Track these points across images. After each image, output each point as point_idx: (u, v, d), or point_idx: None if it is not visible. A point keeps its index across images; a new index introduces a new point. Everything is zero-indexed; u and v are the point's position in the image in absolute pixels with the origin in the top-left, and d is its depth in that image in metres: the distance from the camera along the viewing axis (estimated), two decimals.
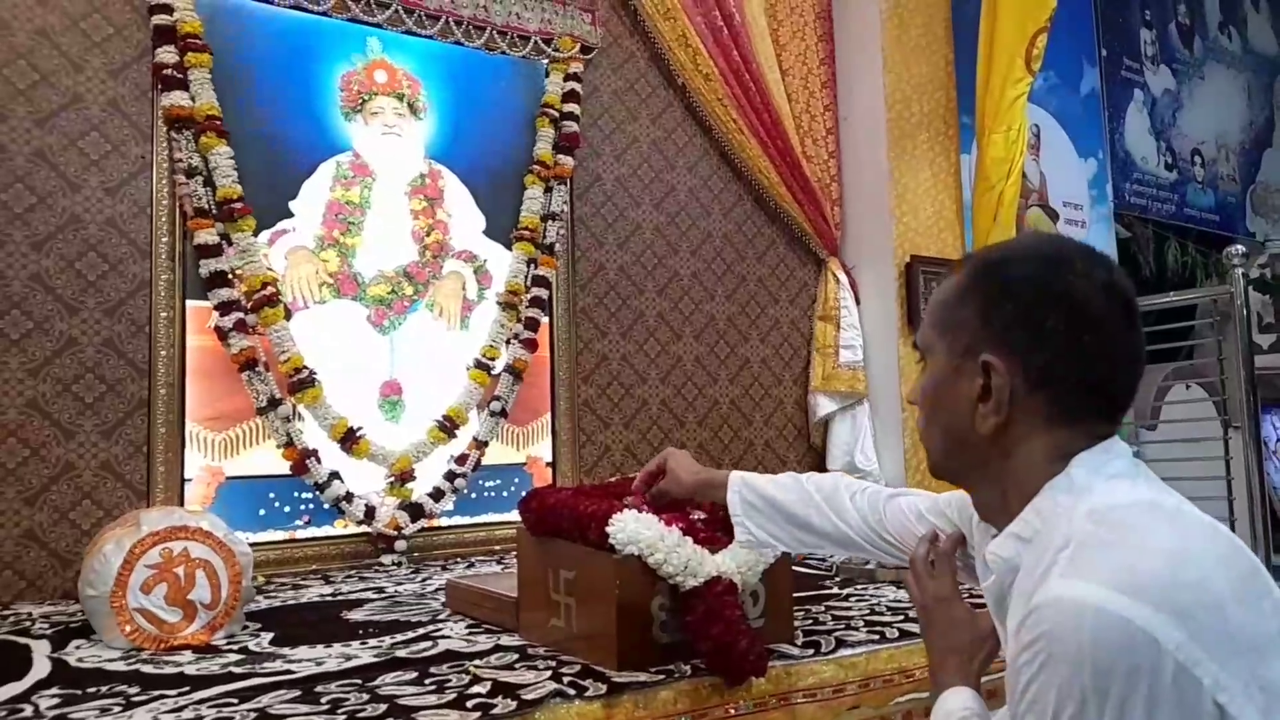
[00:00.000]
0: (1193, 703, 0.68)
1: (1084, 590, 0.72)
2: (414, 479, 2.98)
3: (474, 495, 3.15)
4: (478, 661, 1.58)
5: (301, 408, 2.82)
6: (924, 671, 1.65)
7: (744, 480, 1.44)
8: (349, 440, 2.86)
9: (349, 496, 2.84)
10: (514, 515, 2.77)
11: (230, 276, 2.73)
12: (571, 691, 1.39)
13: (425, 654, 1.67)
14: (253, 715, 1.33)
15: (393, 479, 2.95)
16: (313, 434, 2.84)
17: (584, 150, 3.46)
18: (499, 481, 3.21)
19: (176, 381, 2.65)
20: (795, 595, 1.81)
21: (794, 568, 1.83)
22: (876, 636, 1.73)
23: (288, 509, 2.81)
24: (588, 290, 3.45)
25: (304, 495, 2.83)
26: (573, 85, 3.41)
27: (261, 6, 2.89)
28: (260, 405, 2.74)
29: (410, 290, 3.09)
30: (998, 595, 0.93)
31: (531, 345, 3.23)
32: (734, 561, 1.52)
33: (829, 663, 1.60)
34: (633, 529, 1.48)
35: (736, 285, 3.84)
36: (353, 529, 2.88)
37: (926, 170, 3.97)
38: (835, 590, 2.24)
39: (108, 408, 2.56)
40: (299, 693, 1.43)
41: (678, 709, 1.43)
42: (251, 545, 2.08)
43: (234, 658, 1.69)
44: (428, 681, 1.47)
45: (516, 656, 1.61)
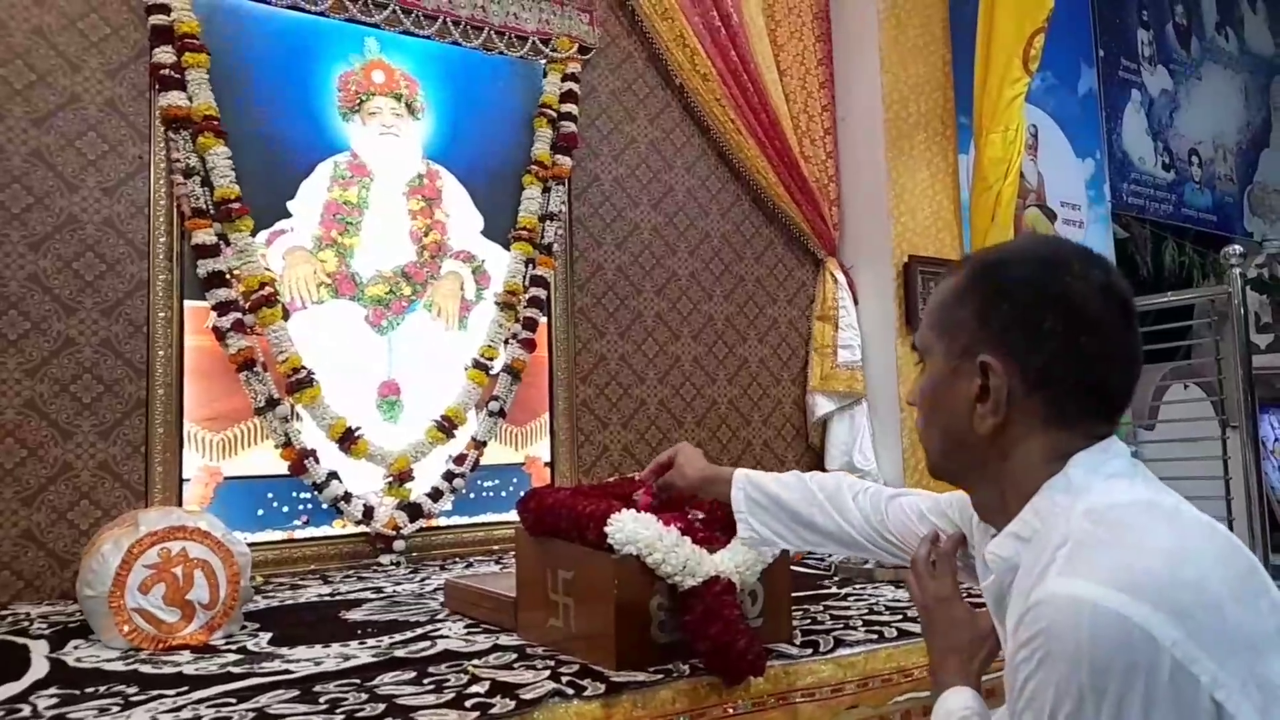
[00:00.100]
0: (1190, 700, 0.68)
1: (1082, 588, 0.72)
2: (412, 479, 2.98)
3: (472, 495, 3.15)
4: (476, 661, 1.58)
5: (300, 408, 2.82)
6: (922, 671, 1.66)
7: (749, 477, 1.45)
8: (347, 440, 2.86)
9: (347, 496, 2.84)
10: (512, 515, 2.77)
11: (228, 277, 2.73)
12: (570, 691, 1.39)
13: (424, 654, 1.67)
14: (251, 715, 1.33)
15: (391, 479, 2.95)
16: (311, 434, 2.84)
17: (582, 150, 3.46)
18: (497, 481, 3.21)
19: (174, 382, 2.65)
20: (794, 595, 1.81)
21: (792, 567, 1.83)
22: (875, 636, 1.73)
23: (286, 509, 2.81)
24: (586, 290, 3.46)
25: (302, 495, 2.83)
26: (570, 85, 3.41)
27: (259, 6, 2.89)
28: (258, 405, 2.74)
29: (408, 290, 3.09)
30: (997, 595, 0.93)
31: (529, 345, 3.24)
32: (732, 561, 1.53)
33: (827, 662, 1.60)
34: (631, 529, 1.48)
35: (734, 285, 3.84)
36: (351, 529, 2.88)
37: (924, 170, 3.97)
38: (834, 590, 2.24)
39: (105, 408, 2.56)
40: (297, 692, 1.43)
41: (676, 708, 1.43)
42: (250, 545, 2.08)
43: (232, 658, 1.69)
44: (426, 681, 1.47)
45: (515, 656, 1.61)
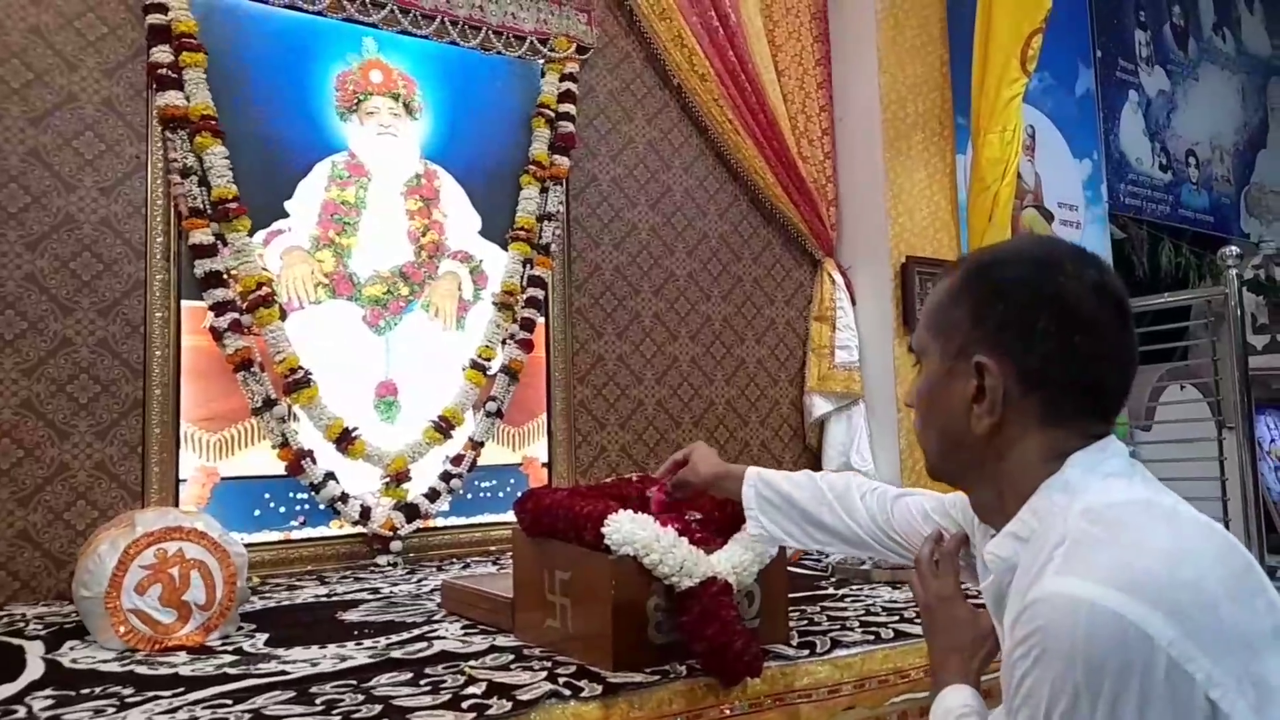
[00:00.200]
0: (1185, 699, 0.68)
1: (1078, 586, 0.72)
2: (409, 479, 2.98)
3: (470, 496, 3.14)
4: (473, 662, 1.58)
5: (297, 408, 2.82)
6: (919, 672, 1.66)
7: (760, 475, 1.48)
8: (344, 441, 2.86)
9: (344, 497, 2.83)
10: (509, 516, 2.78)
11: (225, 277, 2.72)
12: (567, 692, 1.39)
13: (420, 655, 1.66)
14: (247, 716, 1.33)
15: (388, 479, 2.94)
16: (308, 434, 2.83)
17: (580, 150, 3.46)
18: (495, 482, 3.21)
19: (171, 382, 2.65)
20: (791, 596, 1.81)
21: (789, 568, 1.83)
22: (871, 637, 1.73)
23: (283, 509, 2.81)
24: (584, 291, 3.45)
25: (299, 496, 2.83)
26: (568, 85, 3.41)
27: (256, 6, 2.89)
28: (255, 406, 2.73)
29: (406, 290, 3.09)
30: (996, 595, 0.93)
31: (527, 346, 3.23)
32: (729, 562, 1.52)
33: (824, 663, 1.60)
34: (628, 530, 1.48)
35: (732, 286, 3.84)
36: (348, 530, 2.87)
37: (922, 171, 3.98)
38: (830, 591, 2.24)
39: (102, 408, 2.56)
40: (294, 694, 1.43)
41: (673, 709, 1.42)
42: (246, 546, 2.08)
43: (229, 659, 1.69)
44: (423, 682, 1.47)
45: (512, 657, 1.61)
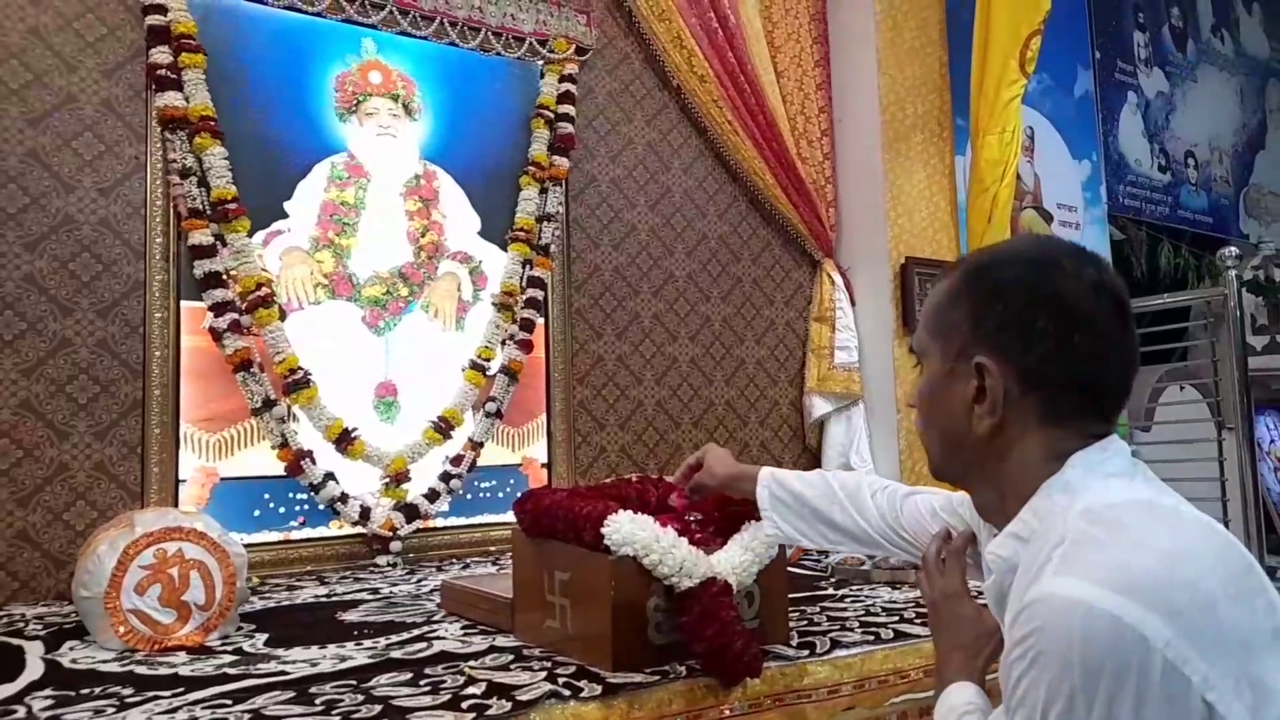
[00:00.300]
0: (1181, 700, 0.68)
1: (1074, 587, 0.72)
2: (409, 480, 2.98)
3: (469, 496, 3.14)
4: (473, 663, 1.58)
5: (296, 409, 2.82)
6: (918, 672, 1.66)
7: (774, 476, 1.49)
8: (344, 441, 2.86)
9: (344, 497, 2.83)
10: (509, 516, 2.79)
11: (225, 277, 2.72)
12: (566, 692, 1.39)
13: (420, 655, 1.66)
14: (247, 716, 1.33)
15: (388, 480, 2.94)
16: (307, 435, 2.83)
17: (579, 151, 3.46)
18: (494, 482, 3.21)
19: (171, 382, 2.65)
20: (790, 596, 1.81)
21: (789, 569, 1.83)
22: (871, 637, 1.73)
23: (282, 510, 2.81)
24: (583, 291, 3.45)
25: (299, 496, 2.83)
26: (568, 86, 3.41)
27: (256, 7, 2.89)
28: (255, 406, 2.73)
29: (405, 291, 3.09)
30: (997, 595, 0.93)
31: (527, 346, 3.23)
32: (729, 562, 1.53)
33: (824, 664, 1.60)
34: (628, 530, 1.48)
35: (732, 286, 3.84)
36: (348, 530, 2.87)
37: (921, 172, 3.98)
38: (830, 591, 2.24)
39: (101, 409, 2.56)
40: (293, 694, 1.43)
41: (673, 710, 1.42)
42: (246, 546, 2.08)
43: (228, 659, 1.69)
44: (422, 682, 1.47)
45: (511, 657, 1.61)
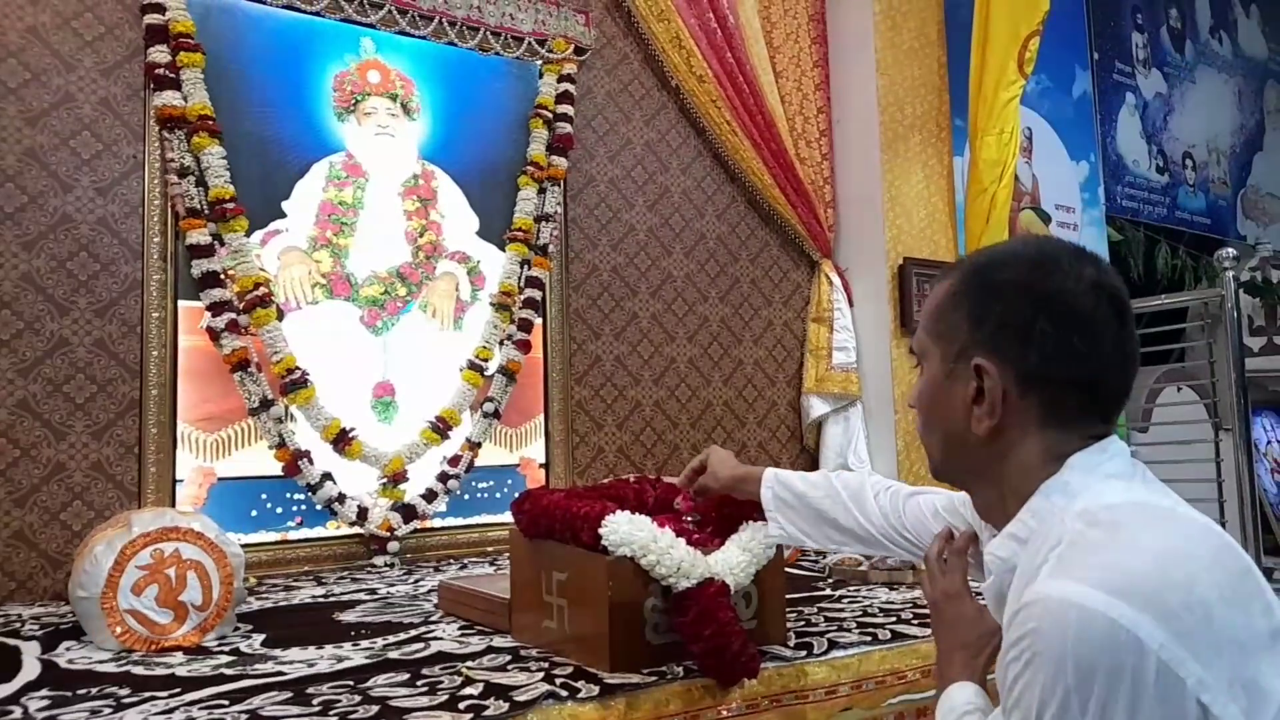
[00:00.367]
0: (1176, 702, 0.68)
1: (1069, 589, 0.72)
2: (407, 480, 2.98)
3: (467, 496, 3.14)
4: (470, 663, 1.57)
5: (294, 409, 2.81)
6: (915, 673, 1.67)
7: (778, 477, 1.50)
8: (341, 441, 2.85)
9: (341, 498, 2.83)
10: (507, 517, 2.79)
11: (222, 277, 2.72)
12: (564, 693, 1.39)
13: (417, 655, 1.66)
14: (244, 717, 1.32)
15: (385, 480, 2.94)
16: (305, 435, 2.83)
17: (577, 151, 3.46)
18: (492, 483, 3.21)
19: (168, 382, 2.65)
20: (788, 597, 1.81)
21: (787, 569, 1.83)
22: (869, 638, 1.73)
23: (280, 510, 2.80)
24: (581, 291, 3.45)
25: (296, 496, 2.82)
26: (566, 86, 3.41)
27: (254, 6, 2.88)
28: (252, 406, 2.73)
29: (403, 291, 3.09)
30: (997, 595, 0.93)
31: (525, 346, 3.23)
32: (726, 563, 1.52)
33: (821, 664, 1.60)
34: (625, 531, 1.48)
35: (730, 287, 3.84)
36: (345, 530, 2.87)
37: (919, 172, 3.98)
38: (827, 592, 2.24)
39: (99, 408, 2.55)
40: (290, 694, 1.43)
41: (670, 710, 1.42)
42: (243, 546, 2.08)
43: (225, 659, 1.69)
44: (420, 683, 1.47)
45: (509, 658, 1.61)
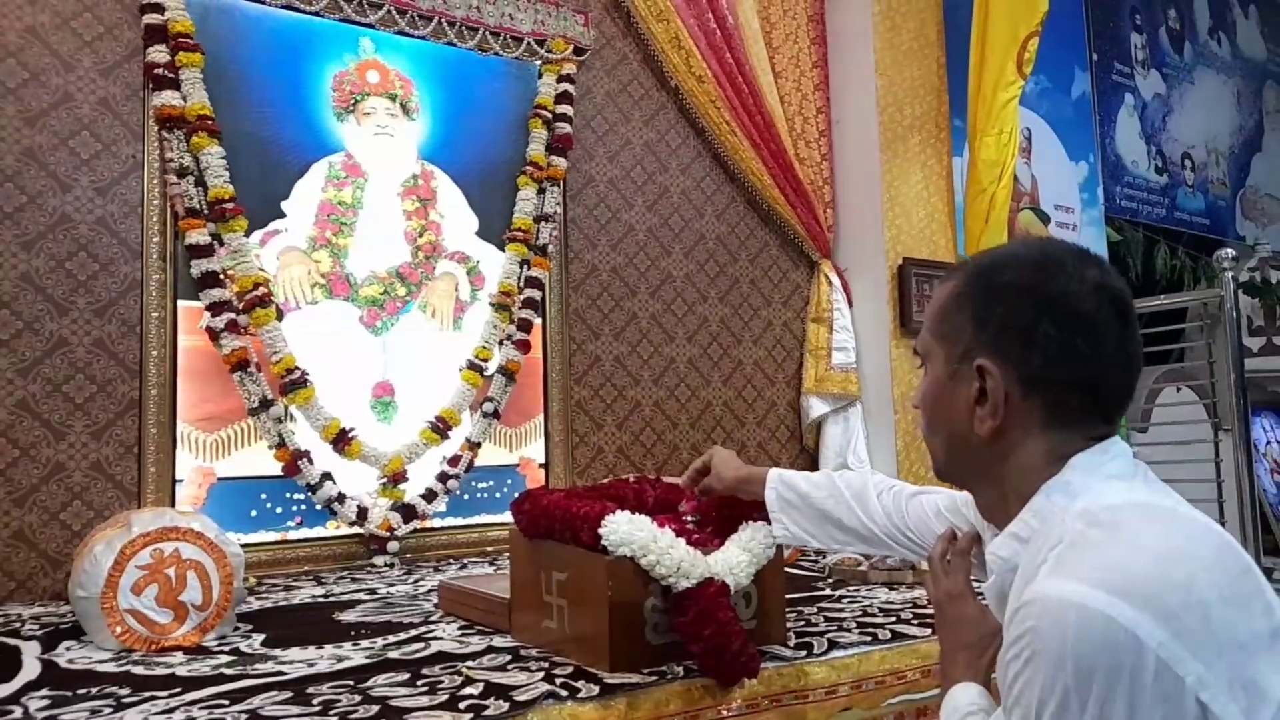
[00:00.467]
0: (1175, 700, 0.69)
1: (1069, 588, 0.72)
2: (406, 480, 2.98)
3: (466, 496, 3.14)
4: (470, 663, 1.57)
5: (293, 409, 2.81)
6: (915, 673, 1.67)
7: (781, 477, 1.51)
8: (341, 441, 2.85)
9: (341, 498, 2.83)
10: (506, 517, 2.78)
11: (222, 277, 2.72)
12: (564, 693, 1.39)
13: (417, 655, 1.66)
14: (244, 717, 1.32)
15: (385, 480, 2.94)
16: (305, 435, 2.83)
17: (577, 152, 3.46)
18: (492, 483, 3.21)
19: (168, 382, 2.64)
20: (788, 597, 1.81)
21: (787, 569, 1.83)
22: (868, 638, 1.73)
23: (279, 510, 2.80)
24: (581, 292, 3.45)
25: (296, 496, 2.82)
26: (566, 87, 3.41)
27: (253, 6, 2.88)
28: (252, 406, 2.73)
29: (403, 291, 3.09)
30: (998, 595, 0.94)
31: (524, 346, 3.23)
32: (726, 563, 1.52)
33: (821, 664, 1.60)
34: (625, 531, 1.48)
35: (729, 287, 3.84)
36: (345, 530, 2.87)
37: (918, 173, 3.98)
38: (827, 592, 2.25)
39: (98, 408, 2.55)
40: (290, 694, 1.43)
41: (670, 710, 1.42)
42: (243, 546, 2.08)
43: (225, 659, 1.69)
44: (420, 683, 1.47)
45: (509, 658, 1.61)
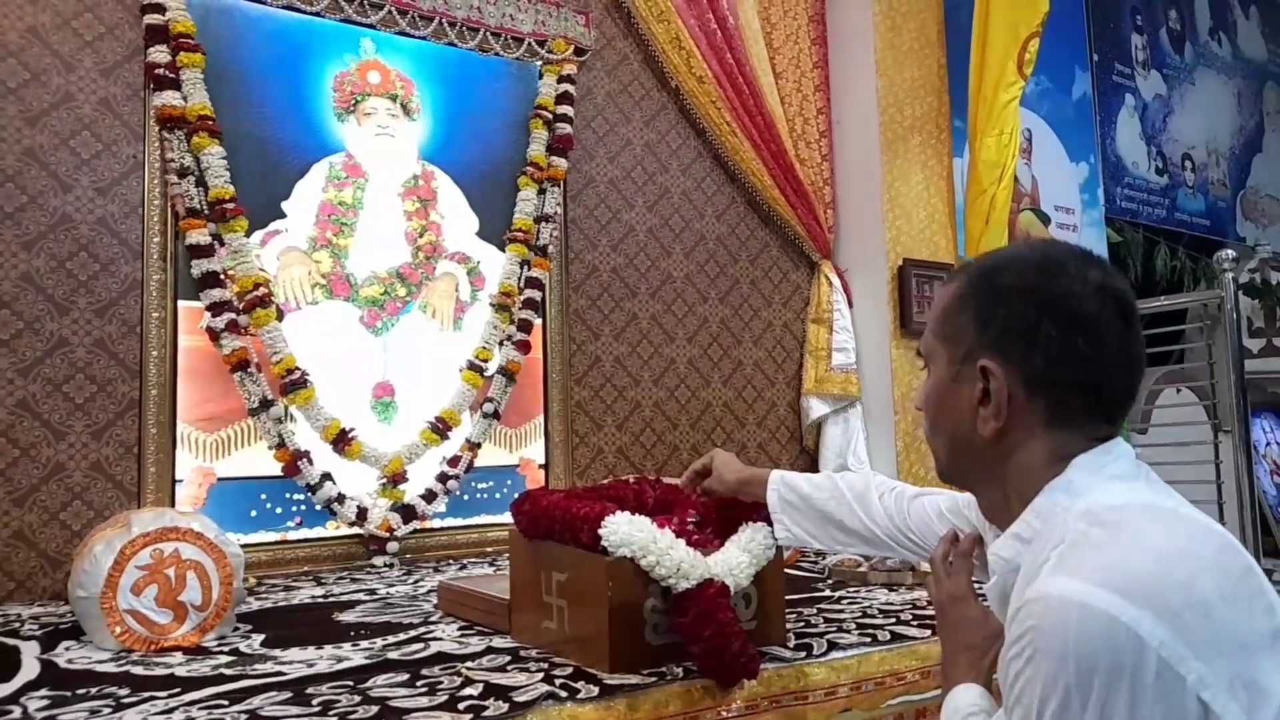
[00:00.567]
0: (1176, 699, 0.69)
1: (1071, 587, 0.73)
2: (406, 480, 2.97)
3: (466, 497, 3.14)
4: (470, 664, 1.57)
5: (293, 409, 2.81)
6: (915, 674, 1.67)
7: (783, 479, 1.51)
8: (341, 441, 2.85)
9: (341, 498, 2.83)
10: (506, 517, 2.78)
11: (222, 277, 2.72)
12: (563, 694, 1.39)
13: (417, 656, 1.66)
14: (244, 717, 1.32)
15: (385, 480, 2.94)
16: (305, 435, 2.83)
17: (577, 152, 3.46)
18: (491, 483, 3.21)
19: (168, 382, 2.65)
20: (787, 598, 1.81)
21: (786, 570, 1.83)
22: (868, 639, 1.73)
23: (279, 510, 2.80)
24: (581, 292, 3.45)
25: (296, 497, 2.82)
26: (566, 87, 3.41)
27: (254, 6, 2.88)
28: (252, 406, 2.73)
29: (403, 291, 3.09)
30: (1000, 595, 0.94)
31: (524, 347, 3.23)
32: (726, 564, 1.52)
33: (821, 665, 1.60)
34: (625, 531, 1.48)
35: (729, 288, 3.84)
36: (344, 530, 2.87)
37: (919, 174, 3.98)
38: (827, 593, 2.24)
39: (98, 408, 2.55)
40: (290, 694, 1.43)
41: (670, 711, 1.42)
42: (243, 546, 2.08)
43: (225, 659, 1.69)
44: (419, 683, 1.47)
45: (508, 659, 1.61)
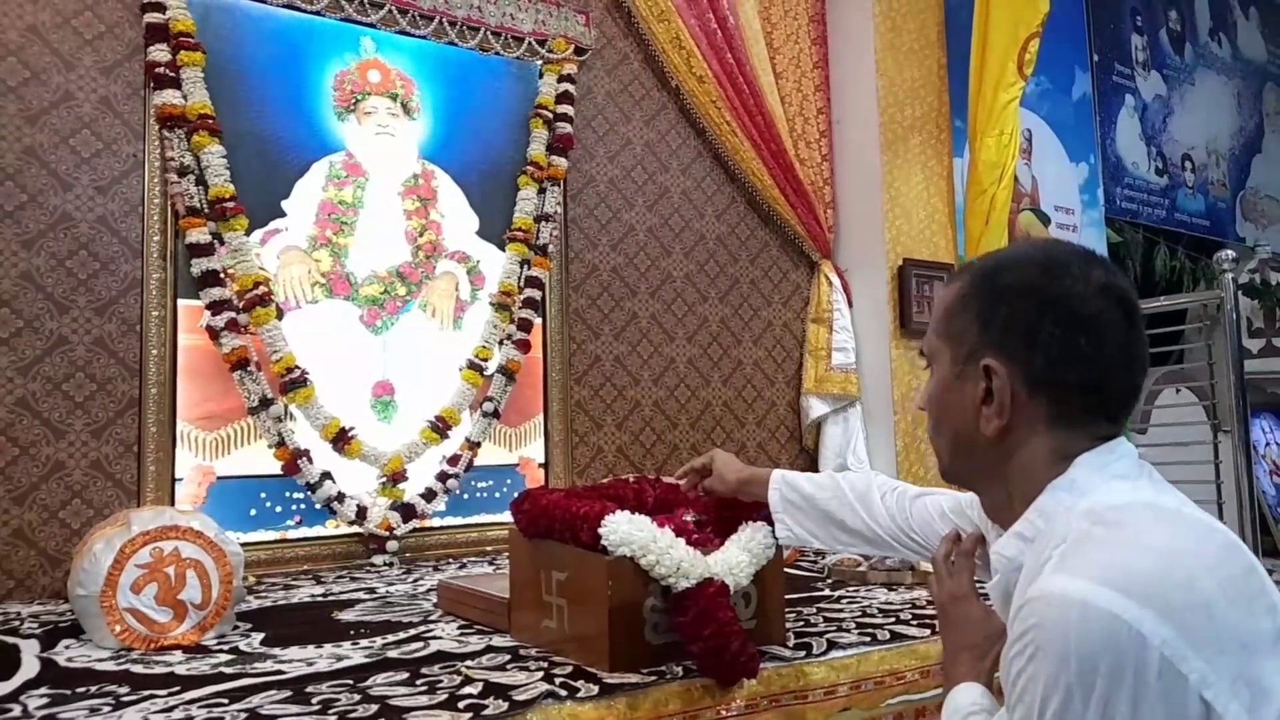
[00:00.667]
0: (1178, 698, 0.69)
1: (1073, 585, 0.73)
2: (406, 479, 2.98)
3: (466, 496, 3.14)
4: (470, 662, 1.57)
5: (293, 408, 2.81)
6: (914, 674, 1.67)
7: (784, 478, 1.51)
8: (341, 440, 2.85)
9: (340, 497, 2.83)
10: (506, 516, 2.78)
11: (222, 276, 2.72)
12: (563, 693, 1.39)
13: (417, 655, 1.66)
14: (243, 716, 1.32)
15: (385, 479, 2.94)
16: (304, 434, 2.83)
17: (577, 152, 3.46)
18: (491, 482, 3.21)
19: (168, 381, 2.65)
20: (787, 597, 1.82)
21: (786, 570, 1.83)
22: (868, 639, 1.74)
23: (279, 509, 2.80)
24: (581, 291, 3.45)
25: (295, 495, 2.82)
26: (566, 86, 3.41)
27: (254, 5, 2.88)
28: (252, 405, 2.73)
29: (403, 290, 3.09)
30: (1003, 594, 0.94)
31: (524, 346, 3.23)
32: (726, 563, 1.52)
33: (820, 664, 1.60)
34: (625, 530, 1.48)
35: (729, 287, 3.84)
36: (344, 529, 2.87)
37: (919, 174, 3.98)
38: (827, 592, 2.25)
39: (98, 407, 2.55)
40: (290, 693, 1.43)
41: (669, 710, 1.42)
42: (242, 545, 2.08)
43: (224, 658, 1.69)
44: (419, 682, 1.47)
45: (508, 657, 1.61)
